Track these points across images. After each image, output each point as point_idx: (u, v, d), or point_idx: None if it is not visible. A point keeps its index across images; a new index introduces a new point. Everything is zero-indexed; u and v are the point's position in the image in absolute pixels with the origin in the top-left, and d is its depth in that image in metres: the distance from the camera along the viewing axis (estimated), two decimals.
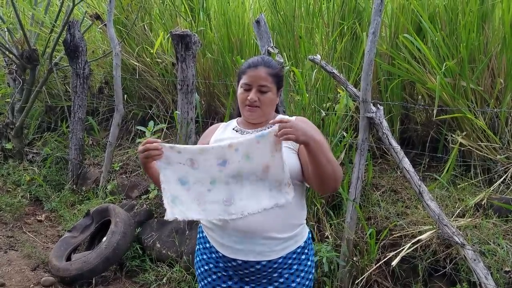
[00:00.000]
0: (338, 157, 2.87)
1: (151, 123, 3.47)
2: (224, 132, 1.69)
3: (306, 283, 1.59)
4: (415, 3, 3.01)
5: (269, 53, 2.87)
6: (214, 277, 1.59)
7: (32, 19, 5.21)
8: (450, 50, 2.87)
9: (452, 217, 2.52)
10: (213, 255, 1.58)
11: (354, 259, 2.55)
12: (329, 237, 2.67)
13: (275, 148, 1.38)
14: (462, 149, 2.85)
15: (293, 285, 1.54)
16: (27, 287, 2.92)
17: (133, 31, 4.62)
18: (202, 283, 1.63)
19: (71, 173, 4.39)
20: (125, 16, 4.72)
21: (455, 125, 2.98)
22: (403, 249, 2.39)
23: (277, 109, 1.72)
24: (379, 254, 2.54)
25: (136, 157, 4.22)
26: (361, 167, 2.59)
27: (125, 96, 4.57)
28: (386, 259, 2.48)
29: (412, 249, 2.38)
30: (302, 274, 1.57)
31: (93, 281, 3.01)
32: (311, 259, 1.62)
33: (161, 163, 1.43)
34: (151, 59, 4.48)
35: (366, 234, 2.55)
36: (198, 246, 1.68)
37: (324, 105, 2.98)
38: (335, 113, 2.88)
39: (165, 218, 1.40)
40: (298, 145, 1.50)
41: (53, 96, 5.38)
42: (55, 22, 4.85)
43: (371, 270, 2.49)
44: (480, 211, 2.56)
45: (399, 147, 2.53)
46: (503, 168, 2.73)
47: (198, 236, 1.69)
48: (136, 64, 4.54)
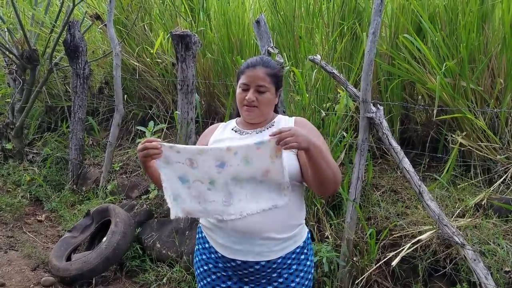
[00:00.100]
0: (338, 157, 2.87)
1: (151, 123, 3.47)
2: (223, 132, 1.69)
3: (306, 283, 1.59)
4: (415, 3, 3.00)
5: (269, 53, 2.87)
6: (214, 277, 1.59)
7: (32, 19, 5.21)
8: (450, 50, 2.87)
9: (452, 217, 2.52)
10: (212, 255, 1.58)
11: (354, 259, 2.55)
12: (329, 237, 2.67)
13: (275, 154, 1.36)
14: (462, 149, 2.85)
15: (293, 285, 1.54)
16: (27, 287, 2.92)
17: (133, 31, 4.62)
18: (202, 283, 1.63)
19: (71, 173, 4.39)
20: (125, 16, 4.72)
21: (455, 125, 2.98)
22: (403, 249, 2.39)
23: (276, 109, 1.71)
24: (379, 254, 2.54)
25: (136, 157, 4.22)
26: (361, 167, 2.59)
27: (125, 96, 4.57)
28: (386, 259, 2.48)
29: (412, 249, 2.38)
30: (302, 274, 1.57)
31: (93, 281, 3.01)
32: (310, 259, 1.62)
33: (160, 162, 1.43)
34: (151, 59, 4.48)
35: (366, 234, 2.55)
36: (197, 246, 1.68)
37: (324, 105, 2.98)
38: (335, 113, 2.88)
39: (171, 217, 1.44)
40: None
41: (53, 96, 5.38)
42: (55, 22, 4.85)
43: (371, 270, 2.49)
44: (480, 211, 2.56)
45: (399, 147, 2.53)
46: (503, 168, 2.73)
47: (197, 236, 1.69)
48: (136, 64, 4.54)
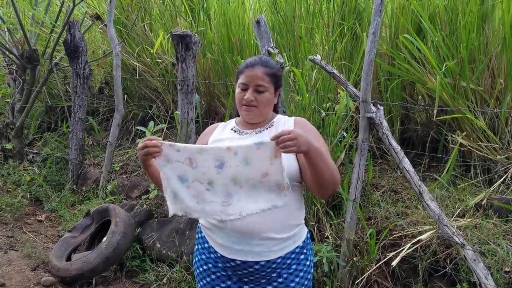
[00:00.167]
0: (338, 157, 2.87)
1: (151, 123, 3.47)
2: (222, 132, 1.69)
3: (305, 282, 1.58)
4: (415, 3, 3.00)
5: (269, 53, 2.87)
6: (213, 277, 1.59)
7: (32, 19, 5.21)
8: (450, 50, 2.87)
9: (452, 217, 2.52)
10: (212, 255, 1.58)
11: (354, 259, 2.55)
12: (329, 237, 2.67)
13: (275, 155, 1.36)
14: (462, 149, 2.85)
15: (292, 285, 1.54)
16: (27, 287, 2.92)
17: (133, 31, 4.62)
18: (201, 283, 1.63)
19: (71, 173, 4.39)
20: (125, 16, 4.72)
21: (455, 125, 2.98)
22: (403, 249, 2.39)
23: (275, 109, 1.71)
24: (379, 254, 2.54)
25: (136, 157, 4.22)
26: (361, 167, 2.59)
27: (125, 96, 4.57)
28: (386, 259, 2.48)
29: (412, 249, 2.38)
30: (301, 274, 1.57)
31: (93, 281, 3.01)
32: (310, 259, 1.62)
33: (160, 160, 1.43)
34: (151, 59, 4.48)
35: (366, 234, 2.55)
36: (197, 246, 1.68)
37: (324, 105, 2.98)
38: (335, 113, 2.88)
39: (169, 214, 1.44)
40: None
41: (53, 96, 5.38)
42: (55, 22, 4.85)
43: (371, 270, 2.49)
44: (480, 211, 2.56)
45: (399, 147, 2.53)
46: (503, 168, 2.73)
47: (197, 236, 1.69)
48: (136, 64, 4.54)
